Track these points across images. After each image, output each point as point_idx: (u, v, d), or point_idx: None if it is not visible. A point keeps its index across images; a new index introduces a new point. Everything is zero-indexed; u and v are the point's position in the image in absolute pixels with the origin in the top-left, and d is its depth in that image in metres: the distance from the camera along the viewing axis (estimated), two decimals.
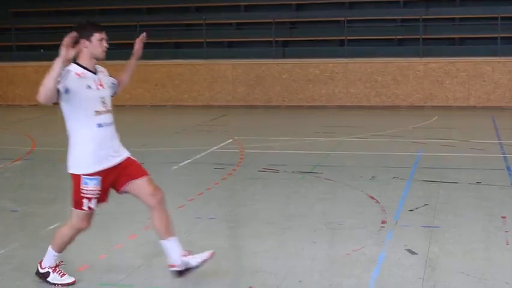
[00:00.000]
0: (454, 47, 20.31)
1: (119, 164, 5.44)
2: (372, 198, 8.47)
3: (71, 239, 5.56)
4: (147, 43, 5.97)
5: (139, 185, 5.48)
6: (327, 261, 6.18)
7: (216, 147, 12.38)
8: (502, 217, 7.50)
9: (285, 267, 5.96)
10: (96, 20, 23.23)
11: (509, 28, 19.77)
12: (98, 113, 5.29)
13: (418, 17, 20.14)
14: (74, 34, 5.02)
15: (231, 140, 11.54)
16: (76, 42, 5.13)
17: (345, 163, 11.06)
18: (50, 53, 25.76)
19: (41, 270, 5.62)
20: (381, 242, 6.67)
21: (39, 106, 21.17)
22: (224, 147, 12.38)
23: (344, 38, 20.48)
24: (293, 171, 10.26)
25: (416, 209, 7.92)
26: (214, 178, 9.62)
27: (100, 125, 5.30)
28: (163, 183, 9.64)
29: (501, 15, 19.46)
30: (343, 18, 20.68)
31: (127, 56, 5.80)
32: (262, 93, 20.13)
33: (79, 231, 5.52)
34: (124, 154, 5.50)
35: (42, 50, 23.17)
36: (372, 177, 9.79)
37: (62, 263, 5.65)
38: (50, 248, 5.60)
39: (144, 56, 5.93)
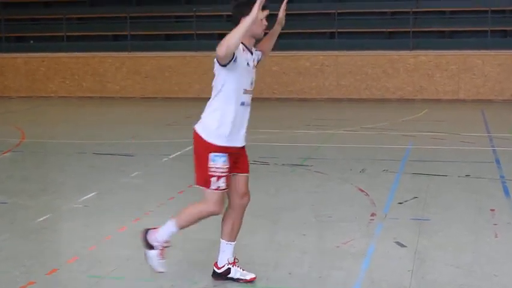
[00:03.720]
0: (444, 40, 20.36)
1: (241, 149, 5.24)
2: (362, 191, 8.48)
3: (197, 221, 5.21)
4: (137, 35, 5.94)
5: (238, 181, 5.27)
6: (317, 253, 6.19)
7: None
8: (491, 210, 7.53)
9: (275, 259, 5.96)
10: (86, 11, 23.28)
11: (499, 21, 19.84)
12: (246, 91, 5.17)
13: (408, 10, 20.17)
14: None
15: None
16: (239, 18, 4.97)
17: (335, 156, 11.07)
18: (40, 44, 25.54)
19: (151, 241, 5.18)
20: (370, 235, 6.68)
21: (28, 98, 21.18)
22: None
23: (334, 30, 20.49)
24: (283, 164, 10.27)
25: (406, 201, 7.94)
26: None
27: (243, 103, 5.16)
28: (153, 175, 9.71)
29: (491, 9, 19.51)
30: (334, 11, 20.68)
31: (119, 48, 5.79)
32: None
33: (209, 214, 5.15)
34: (244, 141, 5.26)
35: (32, 41, 23.08)
36: (362, 170, 9.81)
37: (169, 245, 5.27)
38: (171, 222, 5.17)
39: (134, 48, 5.92)
